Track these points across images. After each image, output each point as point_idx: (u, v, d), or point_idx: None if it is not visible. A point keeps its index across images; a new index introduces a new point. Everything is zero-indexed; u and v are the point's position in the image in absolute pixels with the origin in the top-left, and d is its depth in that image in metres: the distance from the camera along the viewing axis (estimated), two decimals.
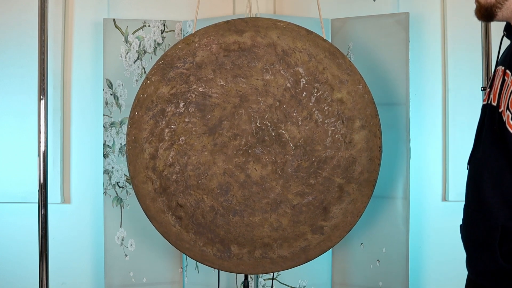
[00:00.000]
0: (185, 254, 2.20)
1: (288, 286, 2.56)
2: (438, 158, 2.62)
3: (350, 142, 2.16)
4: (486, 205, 1.48)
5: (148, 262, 2.56)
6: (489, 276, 1.49)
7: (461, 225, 1.65)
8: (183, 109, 2.14)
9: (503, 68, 1.51)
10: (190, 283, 2.61)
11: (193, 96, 2.15)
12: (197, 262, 2.45)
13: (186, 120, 2.15)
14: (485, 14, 1.52)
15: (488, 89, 1.57)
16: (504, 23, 1.57)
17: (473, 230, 1.55)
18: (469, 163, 1.61)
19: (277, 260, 2.17)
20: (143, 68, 2.53)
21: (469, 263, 1.58)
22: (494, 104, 1.50)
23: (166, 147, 2.14)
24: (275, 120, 2.16)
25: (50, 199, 2.28)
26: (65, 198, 2.66)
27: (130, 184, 2.49)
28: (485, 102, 1.58)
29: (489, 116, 1.51)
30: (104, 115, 2.52)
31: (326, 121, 2.16)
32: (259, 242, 2.16)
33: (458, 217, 2.78)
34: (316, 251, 2.18)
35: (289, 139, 2.16)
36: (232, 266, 2.16)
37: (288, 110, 2.15)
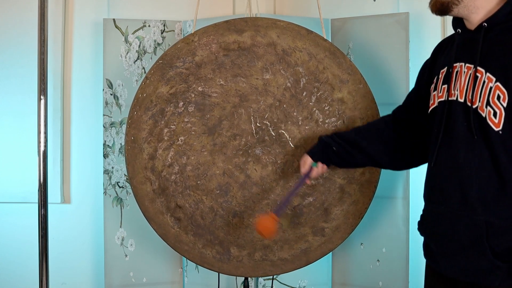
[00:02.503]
0: (184, 257, 2.20)
1: (288, 286, 2.56)
2: None
3: None
4: (469, 203, 1.50)
5: (148, 262, 2.56)
6: (475, 273, 1.49)
7: (420, 222, 1.66)
8: (183, 108, 2.14)
9: (468, 65, 1.52)
10: (190, 283, 2.61)
11: (193, 95, 2.14)
12: None
13: (186, 120, 2.14)
14: (441, 9, 1.57)
15: (445, 86, 1.58)
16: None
17: (452, 228, 1.55)
18: (435, 163, 1.60)
19: (278, 263, 2.16)
20: (143, 68, 2.53)
21: (445, 260, 1.57)
22: (461, 100, 1.51)
23: (165, 147, 2.14)
24: (275, 120, 2.15)
25: (50, 199, 2.27)
26: (65, 198, 2.67)
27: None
28: (442, 99, 1.58)
29: (459, 113, 1.52)
30: (104, 115, 2.52)
31: (326, 121, 2.15)
32: (259, 244, 2.15)
33: None
34: (317, 253, 2.17)
35: (289, 139, 2.16)
36: (231, 268, 2.16)
37: (288, 109, 2.15)
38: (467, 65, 1.53)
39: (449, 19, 2.56)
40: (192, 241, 2.15)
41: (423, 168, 2.60)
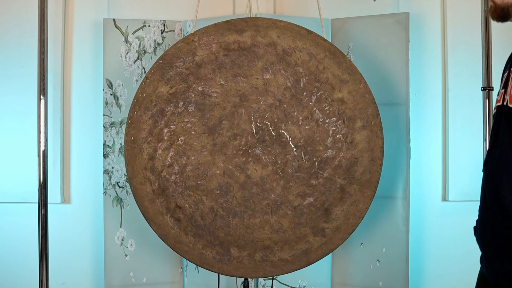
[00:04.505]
0: (184, 258, 2.19)
1: (288, 286, 2.56)
2: (438, 158, 2.62)
3: (351, 142, 2.15)
4: (506, 208, 1.47)
5: (148, 262, 2.56)
6: (509, 278, 1.48)
7: (475, 227, 1.65)
8: (183, 108, 2.14)
9: None
10: (190, 283, 2.60)
11: (193, 95, 2.14)
12: None
13: (186, 120, 2.14)
14: (501, 15, 1.51)
15: (503, 90, 1.57)
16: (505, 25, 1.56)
17: (492, 233, 1.53)
18: (485, 165, 1.60)
19: (278, 263, 2.16)
20: (143, 68, 2.53)
21: (488, 265, 1.57)
22: (511, 105, 1.49)
23: (165, 148, 2.14)
24: (275, 120, 2.15)
25: (50, 199, 2.28)
26: (65, 198, 2.66)
27: None
28: (499, 103, 1.57)
29: (506, 118, 1.50)
30: (104, 115, 2.52)
31: (327, 121, 2.15)
32: (259, 245, 2.15)
33: (458, 217, 2.76)
34: (318, 254, 2.16)
35: (290, 139, 2.16)
36: (232, 269, 2.15)
37: (288, 109, 2.15)
38: None
39: (449, 19, 2.58)
40: (192, 241, 2.15)
41: (423, 168, 2.61)
